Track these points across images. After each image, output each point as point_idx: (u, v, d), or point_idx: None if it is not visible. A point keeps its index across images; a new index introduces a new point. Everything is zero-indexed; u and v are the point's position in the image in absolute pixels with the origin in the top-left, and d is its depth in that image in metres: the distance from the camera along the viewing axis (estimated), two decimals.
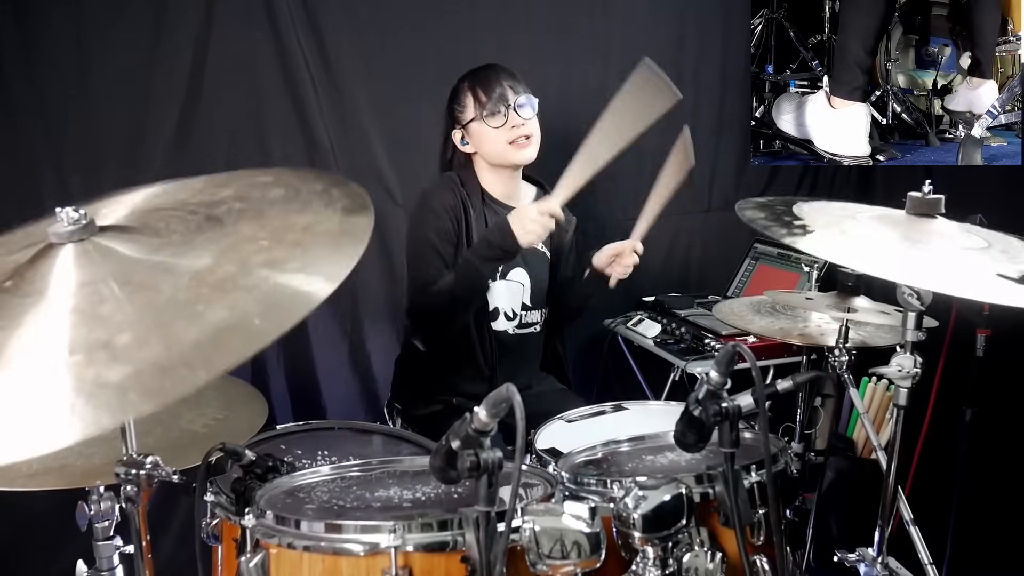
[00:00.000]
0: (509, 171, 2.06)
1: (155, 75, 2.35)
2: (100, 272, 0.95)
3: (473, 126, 2.00)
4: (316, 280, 0.94)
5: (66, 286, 0.94)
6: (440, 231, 1.96)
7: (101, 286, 0.93)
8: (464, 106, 2.01)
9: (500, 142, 1.99)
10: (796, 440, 2.15)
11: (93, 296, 0.92)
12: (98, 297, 0.92)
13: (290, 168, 1.26)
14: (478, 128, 2.00)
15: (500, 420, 1.01)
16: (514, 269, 2.06)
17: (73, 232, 0.98)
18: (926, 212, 1.40)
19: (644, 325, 2.73)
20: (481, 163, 2.06)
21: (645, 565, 1.20)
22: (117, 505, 1.25)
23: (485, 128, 1.99)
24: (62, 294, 0.93)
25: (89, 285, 0.94)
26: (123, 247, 0.99)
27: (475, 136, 2.02)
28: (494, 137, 1.99)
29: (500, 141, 1.99)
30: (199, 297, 0.90)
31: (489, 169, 2.05)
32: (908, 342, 1.38)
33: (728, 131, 3.00)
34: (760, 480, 1.30)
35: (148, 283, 0.93)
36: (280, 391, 2.62)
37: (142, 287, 0.93)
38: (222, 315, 0.88)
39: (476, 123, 2.00)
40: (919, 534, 1.99)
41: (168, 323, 0.88)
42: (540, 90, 2.07)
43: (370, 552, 1.10)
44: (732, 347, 1.19)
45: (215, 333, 0.86)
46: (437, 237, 1.96)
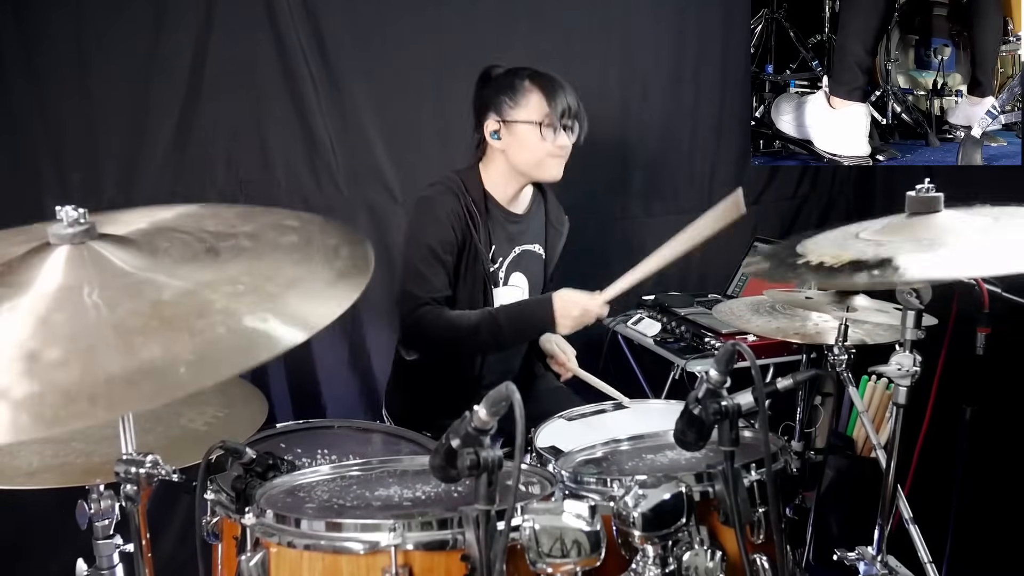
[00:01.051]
0: (525, 179, 2.00)
1: (155, 75, 2.36)
2: (83, 277, 0.94)
3: (521, 127, 1.91)
4: (263, 340, 0.88)
5: (48, 285, 0.93)
6: (443, 241, 1.89)
7: (75, 292, 0.91)
8: (519, 103, 1.91)
9: (541, 152, 1.92)
10: (796, 439, 2.15)
11: (62, 300, 0.90)
12: (67, 302, 0.90)
13: (323, 216, 1.20)
14: (526, 131, 1.90)
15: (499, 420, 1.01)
16: (514, 273, 2.05)
17: (70, 235, 0.98)
18: (926, 210, 1.40)
19: (644, 324, 2.73)
20: (498, 163, 1.97)
21: (645, 564, 1.21)
22: (117, 504, 1.25)
23: (535, 134, 1.90)
24: (41, 292, 0.92)
25: (67, 290, 0.92)
26: (116, 257, 0.98)
27: (517, 136, 1.92)
28: (538, 146, 1.91)
29: (542, 151, 1.91)
30: (146, 328, 0.86)
31: (507, 172, 1.97)
32: (907, 340, 1.38)
33: (728, 131, 3.00)
34: (760, 479, 1.30)
35: (113, 300, 0.90)
36: (280, 390, 2.62)
37: (109, 302, 0.90)
38: (154, 354, 0.83)
39: (527, 126, 1.90)
40: (919, 533, 1.99)
41: (99, 349, 0.84)
42: None
43: (370, 551, 1.10)
44: (732, 346, 1.19)
45: (135, 372, 0.81)
46: (440, 246, 1.89)
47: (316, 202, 2.59)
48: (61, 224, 0.98)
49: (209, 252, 1.03)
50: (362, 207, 2.62)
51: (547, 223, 2.12)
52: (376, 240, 2.63)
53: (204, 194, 2.49)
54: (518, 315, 1.89)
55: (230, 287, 0.95)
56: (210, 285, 0.95)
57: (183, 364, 0.82)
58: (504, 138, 1.94)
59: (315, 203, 2.59)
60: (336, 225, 1.17)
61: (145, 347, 0.84)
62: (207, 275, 0.98)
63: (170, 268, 0.99)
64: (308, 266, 1.05)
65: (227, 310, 0.91)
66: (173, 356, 0.83)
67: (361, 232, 2.78)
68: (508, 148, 1.94)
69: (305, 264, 1.06)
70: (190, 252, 1.03)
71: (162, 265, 0.99)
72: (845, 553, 1.51)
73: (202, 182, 2.49)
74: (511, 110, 1.92)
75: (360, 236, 1.13)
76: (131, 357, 0.83)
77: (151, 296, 0.92)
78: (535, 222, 2.10)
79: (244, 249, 1.05)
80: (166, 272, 0.97)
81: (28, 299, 0.91)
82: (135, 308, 0.90)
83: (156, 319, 0.88)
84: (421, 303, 1.88)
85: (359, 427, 1.72)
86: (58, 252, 0.97)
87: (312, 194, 2.59)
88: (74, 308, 0.89)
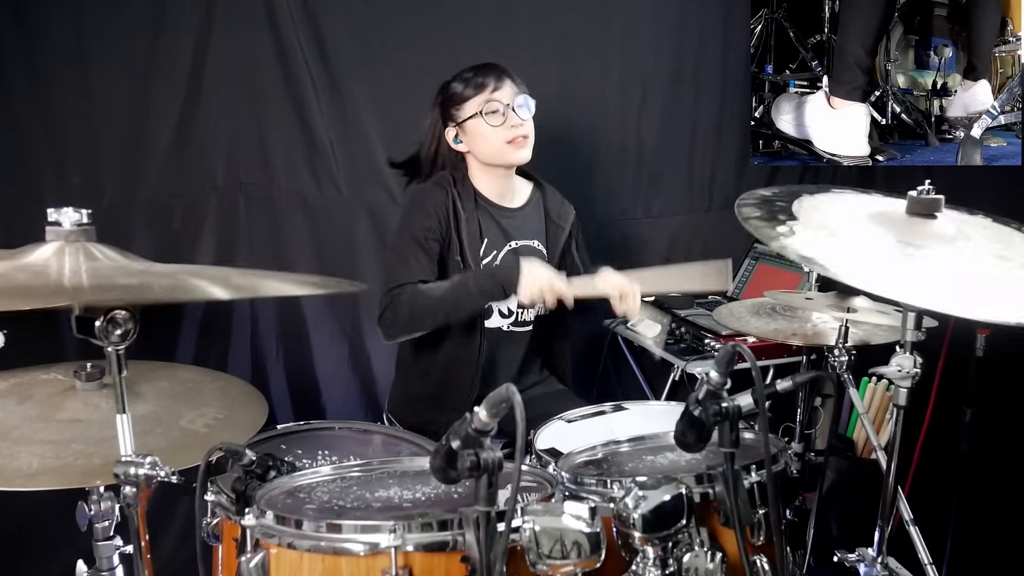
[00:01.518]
0: (502, 171, 2.05)
1: (155, 75, 2.35)
2: (69, 257, 0.96)
3: (470, 124, 1.99)
4: (243, 284, 0.97)
5: (35, 258, 0.96)
6: (427, 228, 1.95)
7: (56, 261, 0.96)
8: (461, 104, 1.99)
9: (498, 141, 1.98)
10: (796, 440, 2.15)
11: (49, 263, 0.95)
12: (55, 265, 0.95)
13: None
14: (475, 126, 1.98)
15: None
16: None
17: (69, 232, 0.99)
18: (925, 212, 1.40)
19: (644, 325, 2.73)
20: (473, 163, 2.04)
21: (645, 565, 1.20)
22: (117, 505, 1.25)
23: (484, 126, 1.97)
24: (27, 261, 0.97)
25: (50, 260, 0.96)
26: (108, 257, 0.99)
27: (471, 134, 2.00)
28: (492, 136, 1.97)
29: (498, 140, 1.98)
30: (142, 274, 0.92)
31: (482, 169, 2.04)
32: (908, 342, 1.38)
33: (728, 131, 3.00)
34: (760, 480, 1.30)
35: (105, 267, 0.96)
36: (280, 391, 2.62)
37: (99, 267, 0.95)
38: (154, 281, 0.90)
39: (474, 121, 1.98)
40: (919, 534, 1.99)
41: (103, 275, 0.90)
42: (539, 90, 2.07)
43: (370, 552, 1.10)
44: (732, 347, 1.19)
45: (140, 286, 0.88)
46: (423, 233, 1.94)
47: (316, 203, 2.59)
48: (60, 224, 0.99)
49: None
50: (362, 208, 2.62)
51: (546, 218, 2.13)
52: (376, 240, 2.63)
53: (204, 194, 2.49)
54: (486, 274, 1.93)
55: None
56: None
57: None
58: (464, 140, 2.02)
59: (315, 204, 2.59)
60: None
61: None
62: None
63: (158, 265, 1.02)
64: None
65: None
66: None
67: (361, 233, 2.80)
68: (472, 147, 2.02)
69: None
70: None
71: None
72: (845, 554, 1.51)
73: (202, 182, 2.48)
74: (457, 112, 2.00)
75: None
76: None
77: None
78: (532, 217, 2.11)
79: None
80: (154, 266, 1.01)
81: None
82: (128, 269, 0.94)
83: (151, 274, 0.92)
84: (400, 284, 1.91)
85: (360, 428, 1.72)
86: (53, 246, 1.00)
87: (312, 195, 2.59)
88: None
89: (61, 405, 1.34)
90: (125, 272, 0.92)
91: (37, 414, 1.33)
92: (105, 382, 1.36)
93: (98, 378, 1.35)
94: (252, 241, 2.54)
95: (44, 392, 1.38)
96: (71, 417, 1.32)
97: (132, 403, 1.17)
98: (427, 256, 1.94)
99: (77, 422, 1.31)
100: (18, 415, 1.32)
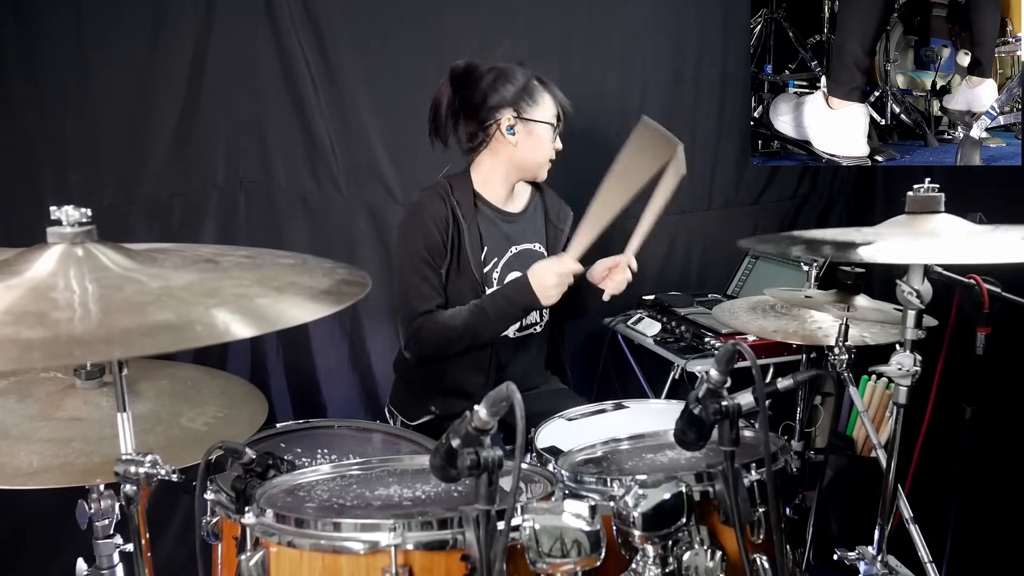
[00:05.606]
0: (517, 179, 2.05)
1: (155, 75, 2.36)
2: (73, 268, 0.96)
3: (538, 127, 1.96)
4: (268, 314, 0.94)
5: (38, 271, 0.96)
6: (430, 245, 1.93)
7: (63, 277, 0.95)
8: (537, 102, 1.96)
9: (547, 154, 2.01)
10: (796, 438, 2.15)
11: (55, 282, 0.94)
12: (60, 284, 0.94)
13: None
14: (541, 131, 1.97)
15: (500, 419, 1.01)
16: (512, 273, 2.04)
17: (70, 234, 0.99)
18: (926, 209, 1.40)
19: (644, 323, 2.73)
20: (497, 160, 2.00)
21: (645, 563, 1.21)
22: (117, 503, 1.25)
23: (548, 135, 1.98)
24: (31, 277, 0.95)
25: (56, 275, 0.95)
26: (109, 260, 0.99)
27: (531, 135, 1.97)
28: (545, 148, 1.99)
29: (547, 153, 2.00)
30: (155, 301, 0.91)
31: (504, 170, 2.01)
32: (908, 340, 1.38)
33: (728, 131, 3.01)
34: (760, 478, 1.30)
35: (113, 284, 0.95)
36: (280, 389, 2.63)
37: (107, 287, 0.94)
38: (166, 317, 0.89)
39: (544, 126, 1.97)
40: (919, 532, 1.99)
41: (111, 311, 0.89)
42: None
43: (370, 550, 1.10)
44: (732, 345, 1.19)
45: (151, 327, 0.86)
46: (429, 253, 1.93)
47: (316, 202, 2.59)
48: (60, 224, 0.99)
49: (209, 262, 1.06)
50: (362, 207, 2.63)
51: (547, 221, 2.12)
52: (376, 240, 2.63)
53: (204, 193, 2.49)
54: (503, 301, 1.91)
55: (235, 281, 1.00)
56: (216, 279, 1.00)
57: (199, 325, 0.88)
58: (519, 134, 1.97)
59: (315, 203, 2.59)
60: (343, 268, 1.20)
61: (159, 312, 0.90)
62: (211, 274, 1.01)
63: (174, 270, 1.02)
64: (309, 275, 1.08)
65: (237, 294, 0.96)
66: (188, 320, 0.88)
67: (361, 232, 2.81)
68: (520, 144, 1.97)
69: (305, 274, 1.08)
70: (191, 260, 1.05)
71: (163, 268, 1.02)
72: (845, 553, 1.52)
73: (202, 181, 2.49)
74: (530, 108, 1.96)
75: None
76: (144, 317, 0.88)
77: (159, 285, 0.96)
78: (533, 221, 2.11)
79: (243, 264, 1.08)
80: (170, 272, 1.01)
81: (16, 278, 0.94)
82: (142, 289, 0.95)
83: (167, 296, 0.93)
84: (419, 313, 1.92)
85: (360, 427, 1.72)
86: (55, 248, 0.99)
87: (312, 194, 2.59)
88: (67, 290, 0.92)
89: (61, 403, 1.34)
90: (141, 291, 0.93)
91: (37, 412, 1.32)
92: (105, 380, 1.36)
93: (98, 376, 1.35)
94: (252, 239, 2.55)
95: (44, 390, 1.38)
96: (71, 415, 1.31)
97: (132, 401, 1.17)
98: (435, 272, 1.94)
99: (77, 420, 1.30)
100: (18, 413, 1.32)
